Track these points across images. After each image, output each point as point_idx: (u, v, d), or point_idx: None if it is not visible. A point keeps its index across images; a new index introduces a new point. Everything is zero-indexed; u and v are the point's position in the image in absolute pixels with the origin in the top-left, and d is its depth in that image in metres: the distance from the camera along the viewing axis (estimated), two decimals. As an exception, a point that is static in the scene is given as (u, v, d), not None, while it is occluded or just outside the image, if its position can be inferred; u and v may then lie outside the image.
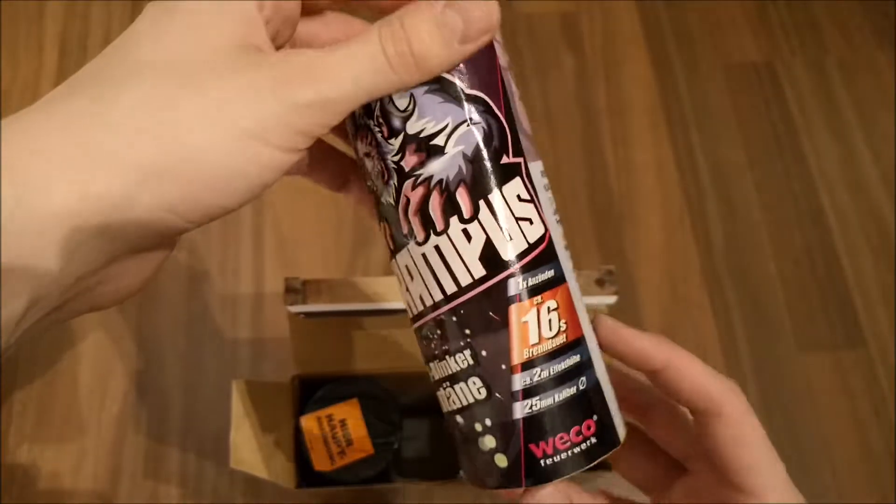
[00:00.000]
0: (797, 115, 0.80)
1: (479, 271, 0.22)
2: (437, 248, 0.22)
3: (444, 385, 0.24)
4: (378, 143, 0.22)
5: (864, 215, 0.75)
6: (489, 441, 0.23)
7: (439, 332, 0.23)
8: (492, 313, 0.22)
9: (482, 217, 0.21)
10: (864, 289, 0.72)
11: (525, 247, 0.22)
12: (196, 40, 0.19)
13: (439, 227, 0.22)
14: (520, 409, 0.22)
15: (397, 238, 0.23)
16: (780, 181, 0.76)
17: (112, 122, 0.18)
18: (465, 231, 0.22)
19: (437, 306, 0.23)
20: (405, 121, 0.21)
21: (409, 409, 0.55)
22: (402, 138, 0.21)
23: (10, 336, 0.18)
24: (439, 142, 0.21)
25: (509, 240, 0.22)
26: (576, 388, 0.23)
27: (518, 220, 0.22)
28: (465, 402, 0.23)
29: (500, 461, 0.23)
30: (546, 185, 0.23)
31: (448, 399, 0.24)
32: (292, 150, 0.19)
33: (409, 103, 0.21)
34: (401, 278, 0.24)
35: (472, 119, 0.21)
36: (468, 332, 0.22)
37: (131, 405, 0.62)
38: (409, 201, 0.22)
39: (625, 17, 0.83)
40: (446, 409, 0.24)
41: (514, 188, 0.22)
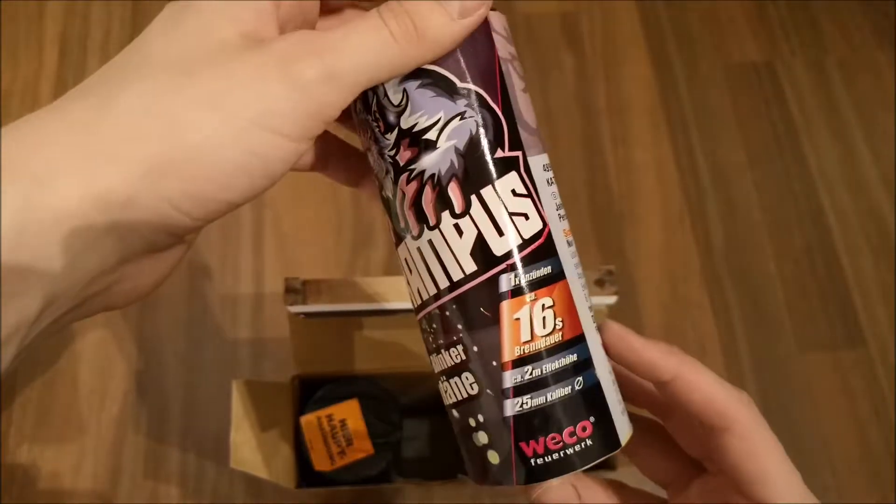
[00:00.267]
0: (797, 115, 0.80)
1: (471, 266, 0.21)
2: (430, 242, 0.22)
3: (441, 378, 0.24)
4: (376, 138, 0.22)
5: (864, 215, 0.75)
6: (482, 437, 0.23)
7: (435, 326, 0.23)
8: (483, 309, 0.22)
9: (474, 212, 0.21)
10: (864, 289, 0.72)
11: (519, 242, 0.21)
12: (204, 35, 0.19)
13: (431, 221, 0.22)
14: (510, 407, 0.22)
15: (397, 231, 0.23)
16: (780, 181, 0.76)
17: (115, 120, 0.18)
18: (456, 226, 0.21)
19: (433, 300, 0.22)
20: (399, 115, 0.21)
21: (409, 409, 0.55)
22: (396, 133, 0.21)
23: (27, 336, 0.18)
24: (431, 136, 0.21)
25: (502, 235, 0.21)
26: (570, 388, 0.22)
27: (512, 215, 0.21)
28: (459, 397, 0.23)
29: (493, 458, 0.23)
30: (550, 179, 0.23)
31: (446, 392, 0.24)
32: (301, 138, 0.19)
33: (402, 98, 0.21)
34: (403, 270, 0.24)
35: (464, 113, 0.21)
36: (460, 327, 0.22)
37: (131, 405, 0.62)
38: (404, 195, 0.22)
39: (625, 17, 0.83)
40: (445, 403, 0.24)
41: (510, 183, 0.21)
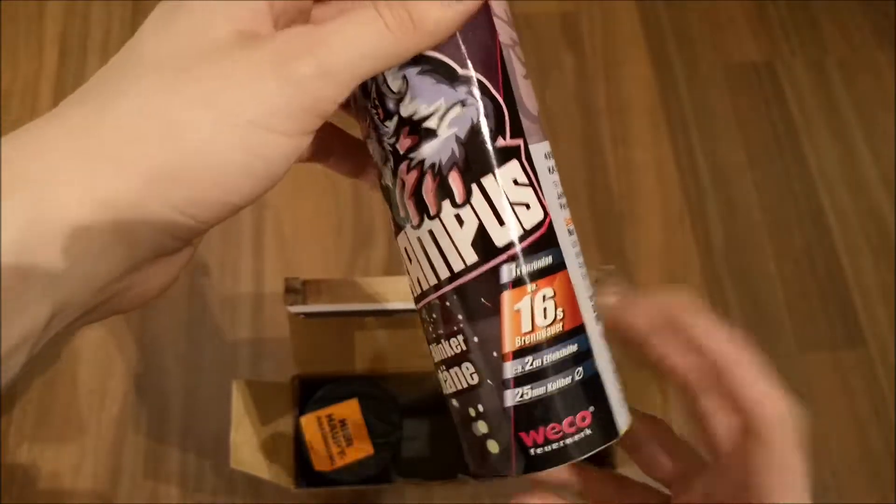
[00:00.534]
0: (797, 115, 0.80)
1: (472, 257, 0.21)
2: (430, 232, 0.22)
3: (441, 368, 0.23)
4: (376, 126, 0.22)
5: (864, 215, 0.75)
6: (482, 426, 0.23)
7: (435, 316, 0.23)
8: (484, 300, 0.21)
9: (475, 202, 0.21)
10: (864, 289, 0.72)
11: (521, 233, 0.21)
12: (197, 33, 0.19)
13: (432, 211, 0.21)
14: (511, 397, 0.22)
15: (397, 220, 0.23)
16: (780, 181, 0.76)
17: (113, 122, 0.18)
18: (457, 216, 0.21)
19: (433, 290, 0.22)
20: (398, 103, 0.21)
21: (409, 409, 0.55)
22: (396, 121, 0.21)
23: (36, 344, 0.18)
24: (431, 124, 0.21)
25: (503, 225, 0.21)
26: (571, 378, 0.22)
27: (514, 204, 0.21)
28: (459, 387, 0.23)
29: (492, 447, 0.23)
30: (551, 167, 0.23)
31: (445, 382, 0.23)
32: (300, 134, 0.19)
33: (402, 85, 0.21)
34: (403, 260, 0.23)
35: (465, 101, 0.21)
36: (461, 317, 0.22)
37: (131, 405, 0.62)
38: (404, 184, 0.22)
39: (625, 17, 0.83)
40: (444, 392, 0.24)
41: (511, 171, 0.21)
